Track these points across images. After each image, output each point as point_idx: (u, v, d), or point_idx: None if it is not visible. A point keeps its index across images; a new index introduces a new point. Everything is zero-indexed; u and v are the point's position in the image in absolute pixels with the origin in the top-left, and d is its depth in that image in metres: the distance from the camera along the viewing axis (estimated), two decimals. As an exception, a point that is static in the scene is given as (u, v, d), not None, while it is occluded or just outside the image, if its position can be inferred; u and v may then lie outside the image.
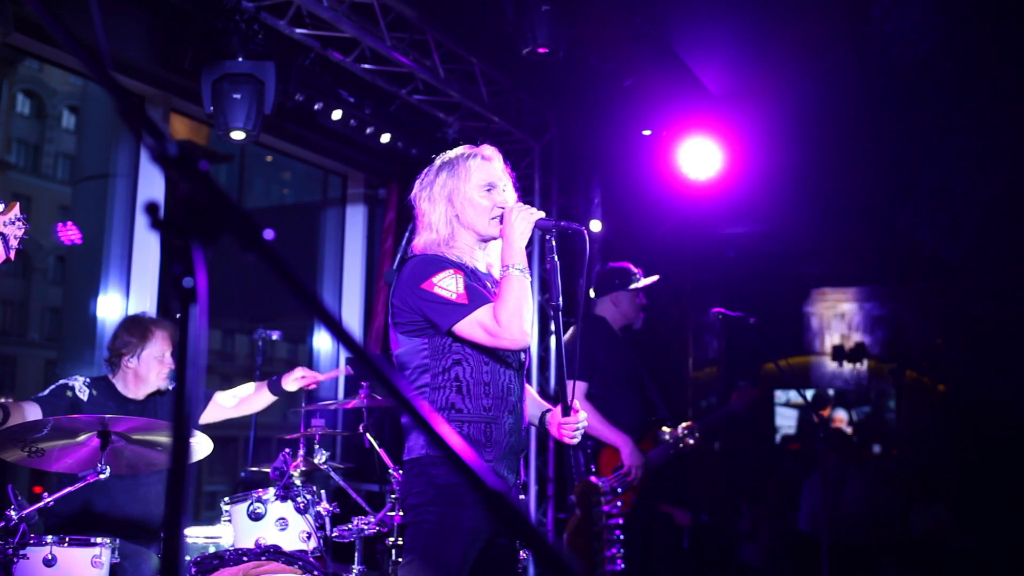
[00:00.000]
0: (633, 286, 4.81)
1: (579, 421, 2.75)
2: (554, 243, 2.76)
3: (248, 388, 3.92)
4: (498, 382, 2.74)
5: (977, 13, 5.56)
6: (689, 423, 4.76)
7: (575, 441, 2.76)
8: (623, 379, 4.74)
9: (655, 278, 4.86)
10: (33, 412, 3.44)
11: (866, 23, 5.55)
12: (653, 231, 7.14)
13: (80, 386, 3.62)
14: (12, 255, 2.89)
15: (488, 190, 2.85)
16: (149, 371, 3.66)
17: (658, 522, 4.95)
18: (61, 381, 3.64)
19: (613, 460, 4.55)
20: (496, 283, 2.80)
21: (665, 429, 4.74)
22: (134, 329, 3.74)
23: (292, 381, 3.82)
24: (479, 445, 2.71)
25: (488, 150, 2.94)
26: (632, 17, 5.46)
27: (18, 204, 2.94)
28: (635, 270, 4.86)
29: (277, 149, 6.45)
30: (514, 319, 2.64)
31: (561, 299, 2.75)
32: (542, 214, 2.78)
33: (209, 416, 3.86)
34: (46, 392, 3.56)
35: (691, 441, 4.72)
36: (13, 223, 2.89)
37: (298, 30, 4.98)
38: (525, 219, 2.76)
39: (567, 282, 7.61)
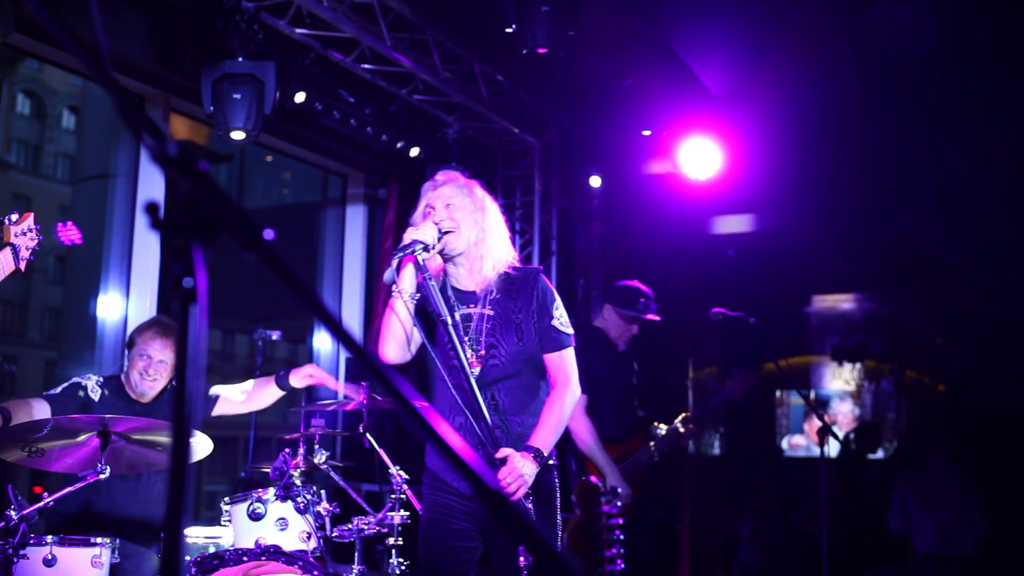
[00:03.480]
0: (630, 312, 4.65)
1: (512, 474, 2.65)
2: (421, 260, 2.76)
3: (247, 385, 3.91)
4: (446, 397, 2.84)
5: (977, 13, 5.56)
6: (685, 414, 4.74)
7: (520, 495, 2.68)
8: (617, 390, 4.68)
9: (655, 318, 4.69)
10: (41, 409, 3.41)
11: (866, 23, 5.55)
12: (653, 231, 7.14)
13: (92, 386, 3.59)
14: (22, 266, 2.89)
15: (423, 217, 2.92)
16: (132, 370, 3.65)
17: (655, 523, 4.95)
18: (74, 379, 3.60)
19: None
20: (474, 301, 2.91)
21: (659, 425, 4.73)
22: (133, 332, 3.75)
23: (301, 378, 3.79)
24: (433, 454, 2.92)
25: (440, 176, 2.99)
26: (632, 17, 5.46)
27: (32, 215, 2.94)
28: (643, 297, 4.66)
29: (277, 149, 6.44)
30: (380, 338, 2.85)
31: (447, 314, 2.72)
32: (416, 235, 2.76)
33: (221, 410, 3.83)
34: (58, 390, 3.53)
35: (689, 429, 4.71)
36: (25, 234, 2.89)
37: (298, 30, 4.98)
38: (405, 238, 2.78)
39: (567, 282, 7.53)
